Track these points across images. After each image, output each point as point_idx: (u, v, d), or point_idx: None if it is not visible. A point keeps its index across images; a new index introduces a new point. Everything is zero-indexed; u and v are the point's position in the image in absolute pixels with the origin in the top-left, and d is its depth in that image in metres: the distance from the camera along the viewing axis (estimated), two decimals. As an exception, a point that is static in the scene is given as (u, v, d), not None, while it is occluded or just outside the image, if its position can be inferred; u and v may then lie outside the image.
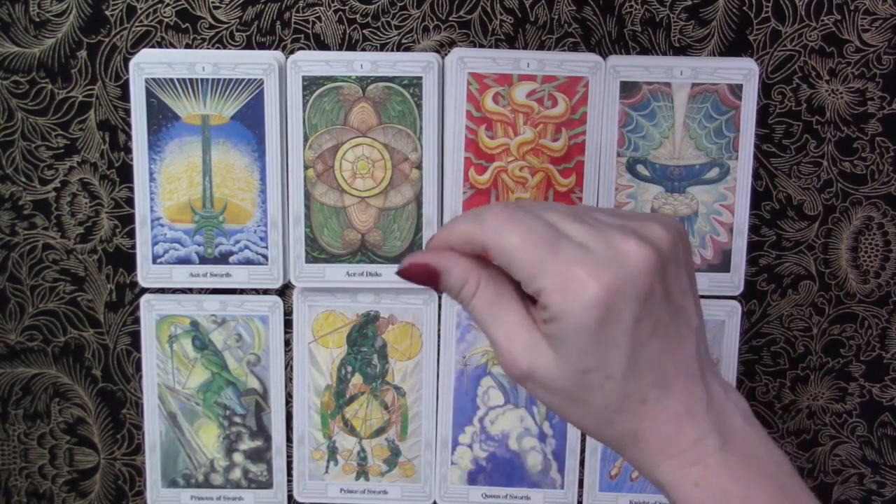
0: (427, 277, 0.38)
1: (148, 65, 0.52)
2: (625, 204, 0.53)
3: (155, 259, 0.53)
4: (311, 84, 0.52)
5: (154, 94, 0.52)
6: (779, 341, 0.55)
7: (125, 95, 0.52)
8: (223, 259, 0.53)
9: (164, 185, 0.53)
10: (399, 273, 0.39)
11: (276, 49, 0.53)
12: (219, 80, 0.52)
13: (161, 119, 0.52)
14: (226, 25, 0.53)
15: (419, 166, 0.53)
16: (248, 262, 0.53)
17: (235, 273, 0.53)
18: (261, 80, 0.52)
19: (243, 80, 0.52)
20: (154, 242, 0.53)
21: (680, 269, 0.37)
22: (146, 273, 0.53)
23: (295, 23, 0.53)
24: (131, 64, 0.52)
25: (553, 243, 0.36)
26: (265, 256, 0.53)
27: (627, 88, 0.52)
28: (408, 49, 0.53)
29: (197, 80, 0.52)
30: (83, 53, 0.53)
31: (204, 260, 0.53)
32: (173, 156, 0.52)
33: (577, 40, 0.53)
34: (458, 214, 0.43)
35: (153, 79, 0.52)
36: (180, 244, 0.53)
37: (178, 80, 0.52)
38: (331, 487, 0.56)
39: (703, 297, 0.54)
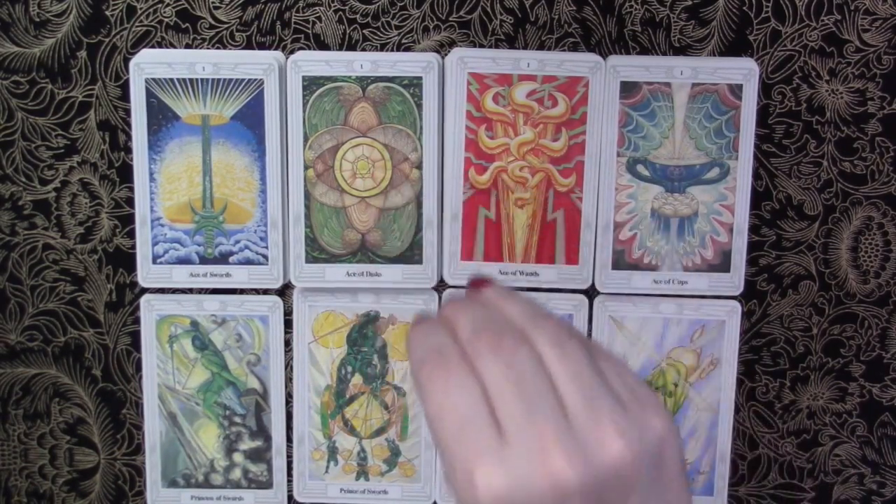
0: None
1: (148, 65, 0.52)
2: (625, 204, 0.53)
3: (155, 259, 0.53)
4: (311, 84, 0.52)
5: (154, 94, 0.52)
6: (779, 341, 0.55)
7: (125, 95, 0.52)
8: (223, 259, 0.53)
9: (165, 185, 0.53)
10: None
11: (276, 49, 0.53)
12: (219, 80, 0.52)
13: (161, 119, 0.52)
14: (226, 25, 0.53)
15: (419, 166, 0.53)
16: (248, 262, 0.53)
17: (235, 273, 0.53)
18: (261, 80, 0.52)
19: (243, 80, 0.52)
20: (154, 242, 0.53)
21: (633, 496, 0.32)
22: (146, 273, 0.53)
23: (295, 23, 0.53)
24: (131, 64, 0.52)
25: (468, 422, 0.32)
26: (265, 256, 0.53)
27: (627, 88, 0.52)
28: (408, 49, 0.53)
29: (197, 80, 0.52)
30: (83, 53, 0.53)
31: (204, 260, 0.53)
32: (173, 156, 0.52)
33: (577, 40, 0.53)
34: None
35: (153, 79, 0.52)
36: (180, 244, 0.53)
37: (178, 80, 0.52)
38: (331, 487, 0.56)
39: (703, 297, 0.54)
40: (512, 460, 0.31)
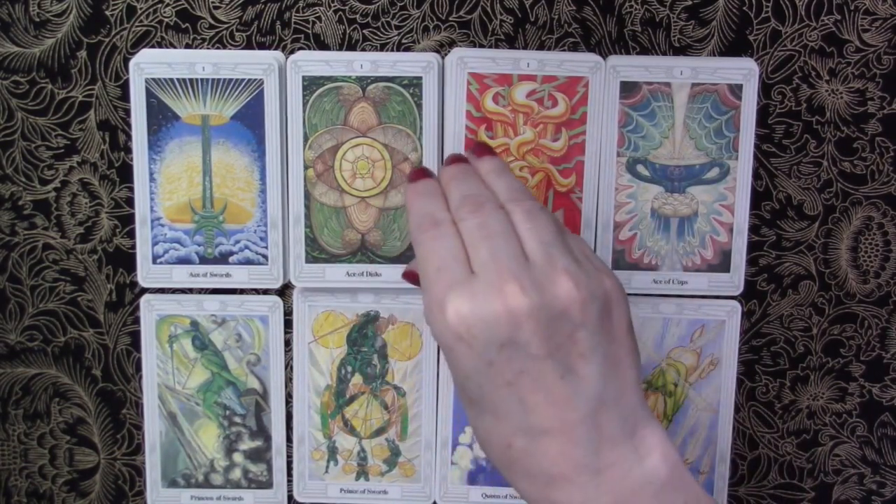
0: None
1: (148, 65, 0.52)
2: (625, 204, 0.53)
3: (155, 259, 0.53)
4: (311, 84, 0.52)
5: (154, 94, 0.52)
6: (779, 341, 0.55)
7: (125, 95, 0.53)
8: (223, 259, 0.53)
9: (164, 185, 0.53)
10: (403, 277, 0.45)
11: (276, 49, 0.53)
12: (219, 80, 0.52)
13: (161, 119, 0.52)
14: (226, 25, 0.53)
15: (419, 166, 0.53)
16: (248, 262, 0.53)
17: (235, 273, 0.53)
18: (261, 80, 0.52)
19: (243, 80, 0.52)
20: (154, 242, 0.53)
21: (580, 331, 0.37)
22: (146, 273, 0.53)
23: (295, 23, 0.53)
24: (131, 64, 0.52)
25: (444, 266, 0.39)
26: (265, 256, 0.53)
27: (627, 88, 0.52)
28: (408, 49, 0.53)
29: (197, 80, 0.52)
30: (83, 53, 0.53)
31: (204, 260, 0.53)
32: (173, 156, 0.52)
33: (577, 40, 0.53)
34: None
35: (153, 79, 0.52)
36: (180, 244, 0.53)
37: (178, 80, 0.52)
38: (331, 487, 0.56)
39: (703, 297, 0.54)
40: (476, 291, 0.37)
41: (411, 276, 0.45)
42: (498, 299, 0.37)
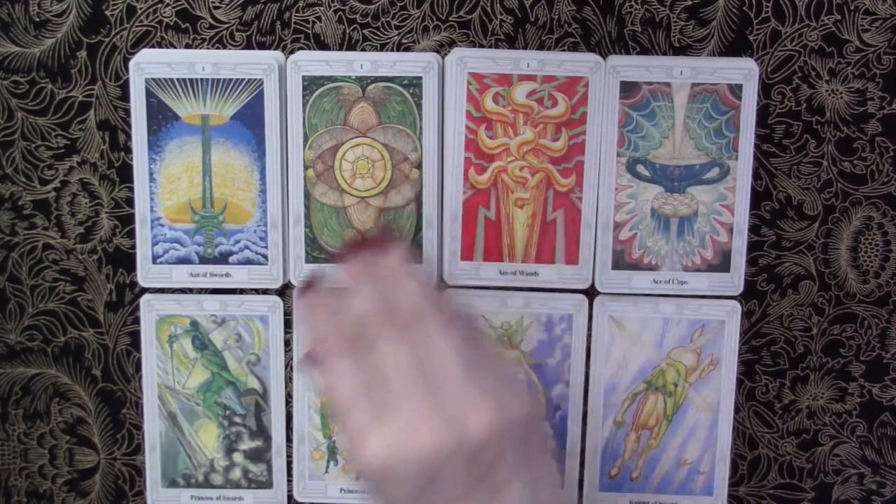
0: None
1: (148, 65, 0.52)
2: (625, 204, 0.53)
3: (155, 259, 0.53)
4: (311, 84, 0.52)
5: (154, 94, 0.52)
6: (779, 341, 0.55)
7: (125, 95, 0.53)
8: (223, 259, 0.53)
9: (164, 185, 0.53)
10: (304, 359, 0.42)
11: (276, 49, 0.53)
12: (219, 80, 0.52)
13: (161, 119, 0.52)
14: (226, 25, 0.53)
15: (419, 166, 0.53)
16: (248, 262, 0.53)
17: (235, 273, 0.53)
18: (261, 80, 0.52)
19: (243, 80, 0.52)
20: (154, 242, 0.53)
21: (501, 460, 0.37)
22: (146, 273, 0.53)
23: (295, 23, 0.53)
24: (131, 64, 0.52)
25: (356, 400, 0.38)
26: (265, 256, 0.53)
27: (627, 88, 0.52)
28: (408, 49, 0.53)
29: (197, 80, 0.52)
30: (83, 53, 0.53)
31: (204, 260, 0.53)
32: (173, 156, 0.52)
33: (577, 40, 0.53)
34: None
35: (153, 79, 0.52)
36: (180, 244, 0.53)
37: (177, 80, 0.52)
38: (331, 487, 0.56)
39: (703, 297, 0.54)
40: (392, 432, 0.37)
41: (311, 360, 0.42)
42: (414, 440, 0.36)
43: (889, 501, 0.56)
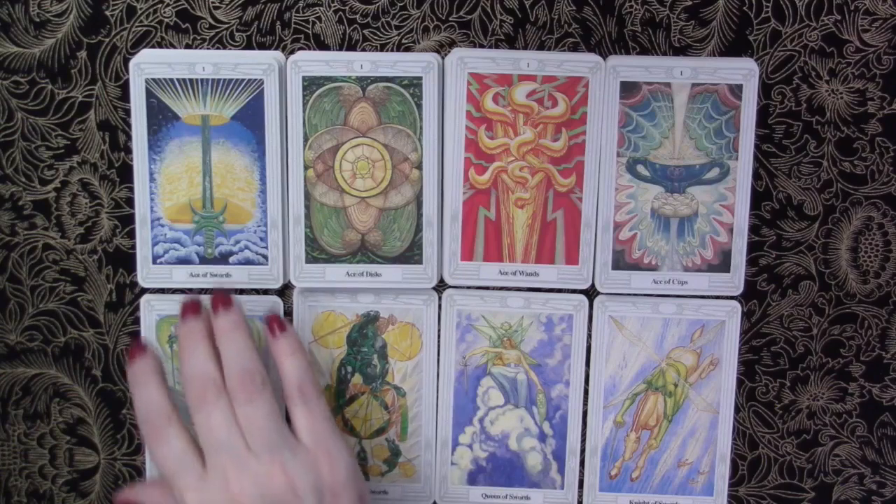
0: None
1: (148, 65, 0.52)
2: (625, 204, 0.53)
3: (155, 259, 0.53)
4: (311, 84, 0.52)
5: (154, 94, 0.52)
6: (779, 341, 0.55)
7: (125, 95, 0.53)
8: (223, 259, 0.53)
9: (165, 185, 0.53)
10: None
11: (276, 49, 0.53)
12: (219, 80, 0.52)
13: (161, 119, 0.52)
14: (226, 25, 0.53)
15: (419, 166, 0.53)
16: (248, 262, 0.53)
17: (235, 273, 0.53)
18: (261, 80, 0.52)
19: (243, 80, 0.52)
20: (154, 243, 0.53)
21: None
22: (146, 273, 0.53)
23: (295, 23, 0.53)
24: (131, 64, 0.52)
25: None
26: (265, 256, 0.53)
27: (627, 88, 0.52)
28: (408, 49, 0.53)
29: (197, 80, 0.52)
30: (83, 53, 0.53)
31: (204, 260, 0.53)
32: (173, 156, 0.52)
33: (577, 40, 0.53)
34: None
35: (153, 79, 0.52)
36: (180, 244, 0.53)
37: (178, 80, 0.52)
38: (331, 487, 0.56)
39: (703, 297, 0.54)
40: (207, 489, 0.45)
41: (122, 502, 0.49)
42: (227, 499, 0.44)
43: (889, 501, 0.56)
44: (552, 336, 0.54)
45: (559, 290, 0.54)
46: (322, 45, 0.53)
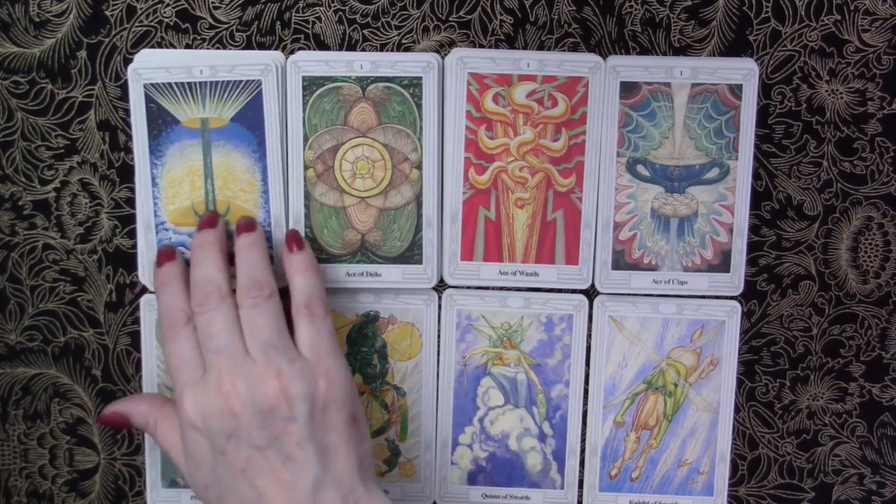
0: (118, 421, 0.50)
1: (146, 70, 0.52)
2: (625, 204, 0.53)
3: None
4: (311, 84, 0.52)
5: (153, 99, 0.52)
6: (779, 341, 0.55)
7: (125, 95, 0.52)
8: (228, 261, 0.53)
9: (167, 189, 0.53)
10: (98, 420, 0.52)
11: (276, 49, 0.53)
12: (217, 82, 0.52)
13: (161, 124, 0.52)
14: (226, 26, 0.53)
15: (419, 166, 0.53)
16: (250, 262, 0.53)
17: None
18: (259, 80, 0.52)
19: (241, 81, 0.52)
20: (159, 247, 0.53)
21: (292, 425, 0.44)
22: (153, 278, 0.53)
23: (295, 23, 0.53)
24: (129, 69, 0.52)
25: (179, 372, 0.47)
26: (270, 256, 0.53)
27: (627, 88, 0.52)
28: (408, 49, 0.53)
29: (195, 83, 0.52)
30: (83, 53, 0.53)
31: (205, 261, 0.53)
32: (174, 160, 0.52)
33: (577, 40, 0.53)
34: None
35: (152, 84, 0.52)
36: (185, 248, 0.53)
37: (176, 84, 0.52)
38: (331, 487, 0.56)
39: (703, 297, 0.54)
40: (203, 390, 0.45)
41: (110, 416, 0.51)
42: (217, 396, 0.45)
43: (889, 501, 0.56)
44: (552, 336, 0.54)
45: (559, 290, 0.54)
46: (322, 45, 0.53)
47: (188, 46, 0.53)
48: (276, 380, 0.45)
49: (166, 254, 0.50)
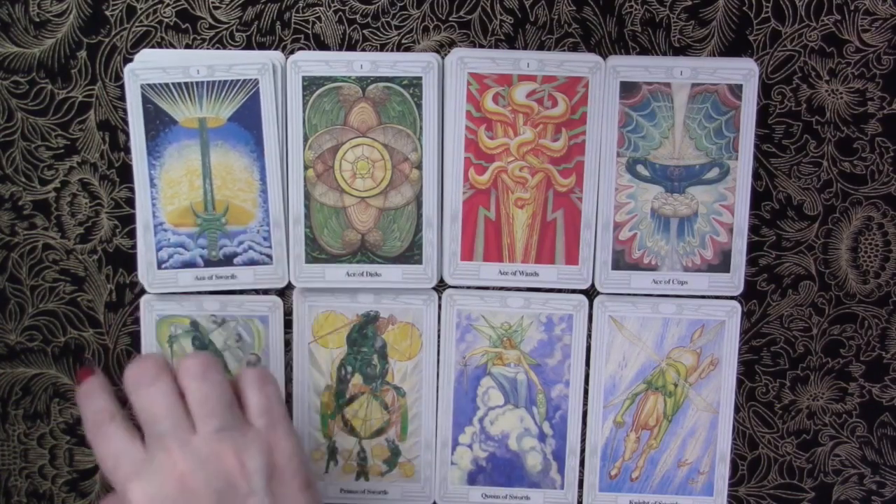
0: None
1: (143, 71, 0.52)
2: (625, 204, 0.53)
3: (160, 264, 0.53)
4: (310, 84, 0.52)
5: (150, 99, 0.52)
6: (779, 341, 0.55)
7: (125, 96, 0.52)
8: (227, 261, 0.53)
9: (165, 189, 0.53)
10: None
11: (276, 49, 0.53)
12: (214, 82, 0.52)
13: (158, 124, 0.52)
14: (226, 26, 0.53)
15: (419, 166, 0.53)
16: (253, 262, 0.53)
17: (240, 274, 0.53)
18: (256, 80, 0.52)
19: (238, 80, 0.52)
20: (158, 248, 0.53)
21: (250, 499, 0.43)
22: (152, 279, 0.53)
23: (295, 23, 0.53)
24: (126, 70, 0.52)
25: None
26: (269, 256, 0.53)
27: (627, 88, 0.52)
28: (408, 49, 0.53)
29: (192, 83, 0.52)
30: (83, 53, 0.53)
31: (209, 262, 0.53)
32: (172, 160, 0.52)
33: (577, 40, 0.53)
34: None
35: (149, 84, 0.52)
36: (184, 248, 0.53)
37: (173, 84, 0.52)
38: (331, 487, 0.56)
39: (703, 297, 0.54)
40: (151, 476, 0.43)
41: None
42: (172, 481, 0.42)
43: (889, 501, 0.56)
44: (552, 336, 0.54)
45: (559, 290, 0.54)
46: (322, 45, 0.53)
47: (188, 46, 0.53)
48: (232, 455, 0.43)
49: (86, 371, 0.49)
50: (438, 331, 0.54)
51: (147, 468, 0.43)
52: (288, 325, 0.54)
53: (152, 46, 0.53)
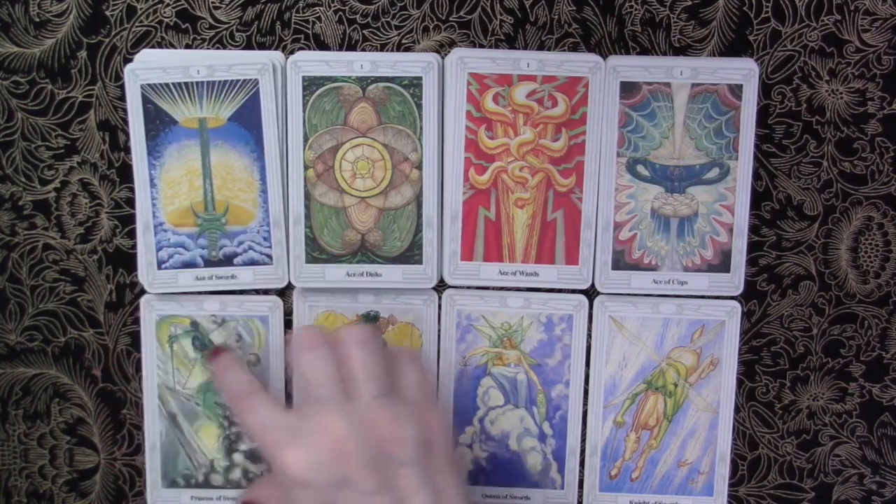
0: None
1: (143, 71, 0.52)
2: (625, 204, 0.53)
3: (160, 265, 0.53)
4: (311, 84, 0.52)
5: (150, 99, 0.52)
6: (779, 341, 0.55)
7: (125, 95, 0.52)
8: (227, 261, 0.53)
9: (165, 189, 0.53)
10: None
11: (276, 49, 0.53)
12: (214, 82, 0.52)
13: (158, 124, 0.52)
14: (226, 26, 0.53)
15: (419, 166, 0.53)
16: (253, 262, 0.53)
17: (241, 274, 0.53)
18: (256, 80, 0.52)
19: (238, 80, 0.52)
20: (158, 248, 0.53)
21: (405, 468, 0.42)
22: (152, 279, 0.53)
23: (295, 23, 0.53)
24: (126, 70, 0.52)
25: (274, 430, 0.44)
26: (269, 256, 0.53)
27: (627, 88, 0.52)
28: (408, 49, 0.53)
29: (192, 83, 0.52)
30: (83, 53, 0.53)
31: (209, 263, 0.53)
32: (172, 160, 0.52)
33: (577, 40, 0.53)
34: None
35: (149, 84, 0.52)
36: (184, 248, 0.53)
37: (173, 84, 0.52)
38: (331, 487, 0.56)
39: (703, 297, 0.54)
40: (306, 440, 0.42)
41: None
42: (327, 445, 0.42)
43: (889, 501, 0.56)
44: (552, 336, 0.54)
45: (559, 290, 0.54)
46: (322, 45, 0.53)
47: (188, 46, 0.53)
48: (388, 423, 0.43)
49: (217, 350, 0.51)
50: (438, 331, 0.54)
51: (299, 434, 0.43)
52: (288, 325, 0.54)
53: (152, 46, 0.53)
